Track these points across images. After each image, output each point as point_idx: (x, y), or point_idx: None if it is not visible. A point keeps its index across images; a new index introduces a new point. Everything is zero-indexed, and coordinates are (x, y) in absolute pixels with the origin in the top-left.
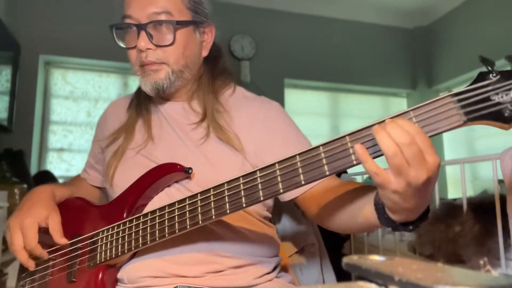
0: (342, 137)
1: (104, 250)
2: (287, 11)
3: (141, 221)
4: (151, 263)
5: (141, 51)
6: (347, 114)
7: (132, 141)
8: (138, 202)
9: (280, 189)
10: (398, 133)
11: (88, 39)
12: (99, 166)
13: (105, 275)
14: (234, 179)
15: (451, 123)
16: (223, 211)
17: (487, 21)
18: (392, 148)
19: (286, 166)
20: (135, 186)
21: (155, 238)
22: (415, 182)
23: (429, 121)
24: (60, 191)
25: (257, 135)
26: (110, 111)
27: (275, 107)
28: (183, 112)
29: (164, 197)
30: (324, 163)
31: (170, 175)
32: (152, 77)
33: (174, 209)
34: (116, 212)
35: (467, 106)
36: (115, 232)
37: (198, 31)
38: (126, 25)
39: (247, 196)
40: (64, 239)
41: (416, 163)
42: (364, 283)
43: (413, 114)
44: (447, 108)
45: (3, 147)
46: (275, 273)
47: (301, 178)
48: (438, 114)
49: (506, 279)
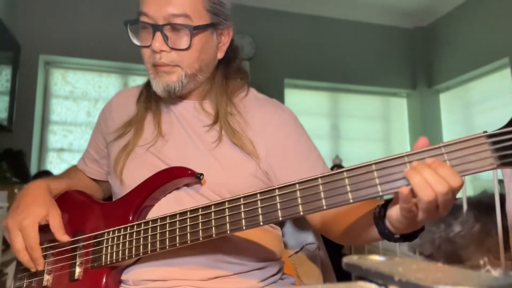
0: (368, 165)
1: (110, 252)
2: (287, 11)
3: (150, 227)
4: (157, 267)
5: (155, 52)
6: (347, 114)
7: (141, 137)
8: (144, 203)
9: (300, 212)
10: (436, 181)
11: (88, 39)
12: (101, 159)
13: (109, 277)
14: (251, 195)
15: (484, 165)
16: (238, 227)
17: (487, 21)
18: (431, 196)
19: (308, 188)
20: (142, 186)
21: (165, 246)
22: (437, 217)
23: (461, 160)
24: (56, 184)
25: (268, 141)
26: (116, 102)
27: (287, 114)
28: (195, 112)
29: (172, 200)
30: (348, 191)
31: (180, 179)
32: (164, 78)
33: (186, 219)
34: (120, 212)
35: (502, 150)
36: (122, 235)
37: (215, 33)
38: (142, 23)
39: (264, 214)
40: (67, 236)
41: (445, 206)
42: (364, 283)
43: (445, 150)
44: (481, 149)
45: (3, 147)
46: (279, 275)
47: (323, 203)
48: (471, 155)
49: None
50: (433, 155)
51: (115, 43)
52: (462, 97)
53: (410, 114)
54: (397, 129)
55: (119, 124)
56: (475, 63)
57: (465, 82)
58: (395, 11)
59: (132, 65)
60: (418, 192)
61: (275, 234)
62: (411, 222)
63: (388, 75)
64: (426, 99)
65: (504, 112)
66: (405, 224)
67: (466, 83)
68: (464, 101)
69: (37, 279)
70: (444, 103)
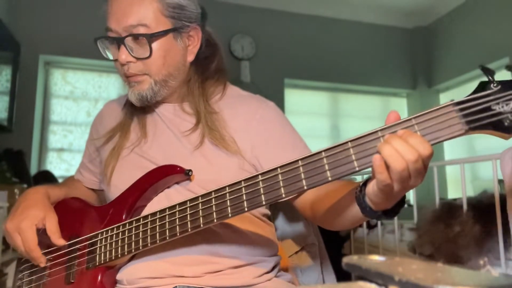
0: (344, 143)
1: (104, 252)
2: (287, 11)
3: (141, 223)
4: (150, 265)
5: (122, 64)
6: (347, 114)
7: (127, 139)
8: (137, 203)
9: (282, 194)
10: (405, 150)
11: (88, 39)
12: (94, 168)
13: (104, 276)
14: (236, 183)
15: (453, 131)
16: (224, 214)
17: (487, 21)
18: (402, 165)
19: (288, 171)
20: (134, 187)
21: (156, 241)
22: (410, 187)
23: (431, 129)
24: (54, 192)
25: (253, 134)
26: (105, 112)
27: (271, 107)
28: (176, 113)
29: (163, 198)
30: (327, 169)
31: (170, 176)
32: (136, 88)
33: (175, 212)
34: (115, 213)
35: (469, 116)
36: (115, 234)
37: (180, 37)
38: (107, 38)
39: (249, 200)
40: (62, 240)
41: (417, 175)
42: (364, 283)
43: (415, 121)
44: (449, 116)
45: (3, 147)
46: (274, 272)
47: (304, 183)
48: (440, 123)
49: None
50: (404, 127)
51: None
52: (462, 97)
53: (410, 114)
54: None
55: (108, 130)
56: (475, 63)
57: (465, 82)
58: (395, 11)
59: None
60: (389, 162)
61: (268, 229)
62: (388, 194)
63: (388, 75)
64: (426, 99)
65: None
66: (382, 197)
67: (466, 83)
68: None
69: (35, 284)
70: None
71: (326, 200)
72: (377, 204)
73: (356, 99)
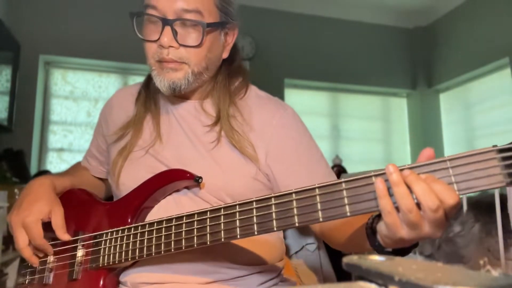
0: (368, 176)
1: (107, 254)
2: (287, 11)
3: (147, 230)
4: (154, 271)
5: (163, 47)
6: (347, 114)
7: (139, 138)
8: (143, 205)
9: (295, 223)
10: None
11: (88, 39)
12: (102, 157)
13: (107, 278)
14: (247, 203)
15: (491, 182)
16: (233, 235)
17: (487, 21)
18: (409, 206)
19: (304, 199)
20: (142, 188)
21: (160, 251)
22: (427, 237)
23: (467, 176)
24: (60, 181)
25: (268, 143)
26: (116, 101)
27: (289, 114)
28: (195, 112)
29: (171, 202)
30: (346, 203)
31: (179, 181)
32: (170, 75)
33: (182, 224)
34: (120, 213)
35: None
36: (119, 237)
37: (223, 32)
38: (149, 16)
39: (259, 224)
40: (67, 235)
41: (436, 225)
42: (364, 283)
43: (450, 164)
44: (490, 165)
45: (3, 147)
46: (279, 278)
47: (319, 215)
48: (478, 170)
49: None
50: (437, 169)
51: (115, 43)
52: (462, 97)
53: (410, 114)
54: (397, 129)
55: (119, 125)
56: (475, 63)
57: (465, 82)
58: (395, 11)
59: (132, 65)
60: (397, 200)
61: (276, 236)
62: (394, 236)
63: (388, 75)
64: (426, 99)
65: (504, 112)
66: (390, 237)
67: (466, 83)
68: (464, 101)
69: (39, 276)
70: (444, 103)
71: (337, 227)
72: (387, 244)
73: (356, 99)
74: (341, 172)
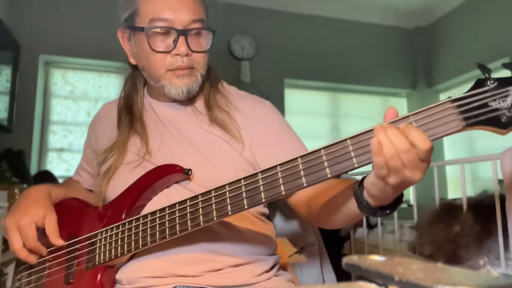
0: (343, 140)
1: (103, 251)
2: (287, 11)
3: (141, 222)
4: (150, 264)
5: (180, 55)
6: (347, 114)
7: (124, 159)
8: (136, 203)
9: (282, 191)
10: (398, 138)
11: (88, 39)
12: (92, 170)
13: (104, 276)
14: (236, 181)
15: (450, 128)
16: (224, 212)
17: (487, 21)
18: (390, 152)
19: (288, 169)
20: (133, 187)
21: (156, 240)
22: (408, 182)
23: (429, 125)
24: (55, 191)
25: (251, 132)
26: (103, 114)
27: (268, 106)
28: (184, 113)
29: (162, 198)
30: (326, 166)
31: (170, 176)
32: (185, 81)
33: (175, 210)
34: (114, 213)
35: (466, 112)
36: (114, 234)
37: None
38: (166, 29)
39: (248, 198)
40: (61, 240)
41: (411, 166)
42: (364, 283)
43: (413, 118)
44: (447, 113)
45: (3, 147)
46: (273, 271)
47: (303, 180)
48: (438, 119)
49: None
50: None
51: (115, 43)
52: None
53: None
54: None
55: (105, 142)
56: (475, 63)
57: (465, 82)
58: (395, 11)
59: None
60: (383, 148)
61: (267, 228)
62: (385, 186)
63: (388, 75)
64: (426, 99)
65: None
66: (380, 189)
67: (466, 83)
68: None
69: (35, 284)
70: None
71: (323, 196)
72: (375, 198)
73: (356, 99)
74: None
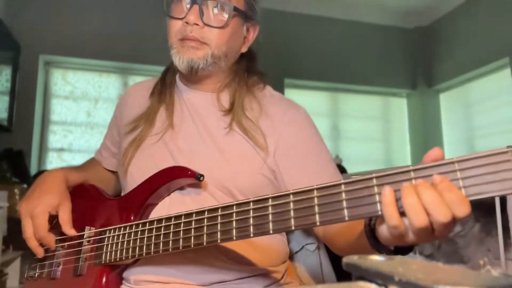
0: (368, 178)
1: (110, 251)
2: (287, 11)
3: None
4: (158, 270)
5: (187, 24)
6: (347, 114)
7: (151, 130)
8: (147, 201)
9: (291, 226)
10: (435, 206)
11: (88, 39)
12: (115, 149)
13: (110, 275)
14: (244, 203)
15: (506, 188)
16: (229, 237)
17: (487, 21)
18: (422, 223)
19: (302, 200)
20: (145, 185)
21: (159, 251)
22: (434, 240)
23: (477, 180)
24: (73, 176)
25: (278, 138)
26: (131, 94)
27: (300, 114)
28: (209, 104)
29: (175, 197)
30: (344, 207)
31: (181, 179)
32: (190, 53)
33: (180, 223)
34: (125, 209)
35: None
36: (122, 234)
37: (245, 24)
38: None
39: (255, 226)
40: (73, 231)
41: (444, 233)
42: (364, 283)
43: (458, 167)
44: (504, 167)
45: (3, 147)
46: (283, 280)
47: (317, 219)
48: (490, 174)
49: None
50: (444, 171)
51: (115, 43)
52: (462, 97)
53: (410, 114)
54: (397, 129)
55: (132, 117)
56: (475, 63)
57: (465, 82)
58: (395, 11)
59: (132, 65)
60: (408, 214)
61: (280, 239)
62: (399, 241)
63: (388, 75)
64: (426, 99)
65: (504, 112)
66: (393, 241)
67: (466, 83)
68: (464, 101)
69: (47, 270)
70: (444, 103)
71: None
72: (388, 243)
73: (356, 99)
74: (341, 172)
